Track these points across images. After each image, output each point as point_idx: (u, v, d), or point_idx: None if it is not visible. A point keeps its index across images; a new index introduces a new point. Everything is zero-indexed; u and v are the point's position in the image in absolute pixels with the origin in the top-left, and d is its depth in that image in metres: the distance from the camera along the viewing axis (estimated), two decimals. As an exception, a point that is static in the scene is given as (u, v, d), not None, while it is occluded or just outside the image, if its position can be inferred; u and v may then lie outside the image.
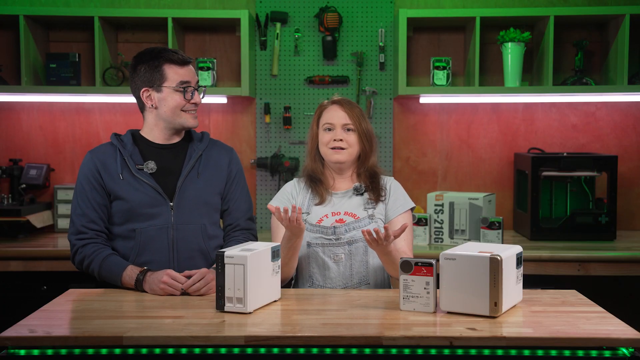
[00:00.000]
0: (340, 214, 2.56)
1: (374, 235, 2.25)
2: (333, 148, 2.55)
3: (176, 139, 2.62)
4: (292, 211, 2.29)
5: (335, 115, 2.56)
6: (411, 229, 2.63)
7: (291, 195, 2.63)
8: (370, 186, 2.59)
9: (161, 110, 2.54)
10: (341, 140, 2.54)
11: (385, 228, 2.25)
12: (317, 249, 2.53)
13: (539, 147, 3.87)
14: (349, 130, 2.55)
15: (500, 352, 1.90)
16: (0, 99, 3.82)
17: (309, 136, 2.66)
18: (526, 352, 1.90)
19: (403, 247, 2.50)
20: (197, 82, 2.60)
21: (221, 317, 2.06)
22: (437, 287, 2.11)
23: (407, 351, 1.90)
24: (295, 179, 2.70)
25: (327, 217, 2.56)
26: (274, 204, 2.60)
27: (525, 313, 2.10)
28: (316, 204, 2.59)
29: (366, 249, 2.52)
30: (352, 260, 2.52)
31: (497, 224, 3.38)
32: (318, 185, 2.61)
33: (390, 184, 2.64)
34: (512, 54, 3.63)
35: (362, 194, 2.60)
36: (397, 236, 2.28)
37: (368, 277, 2.53)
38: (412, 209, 2.62)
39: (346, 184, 2.63)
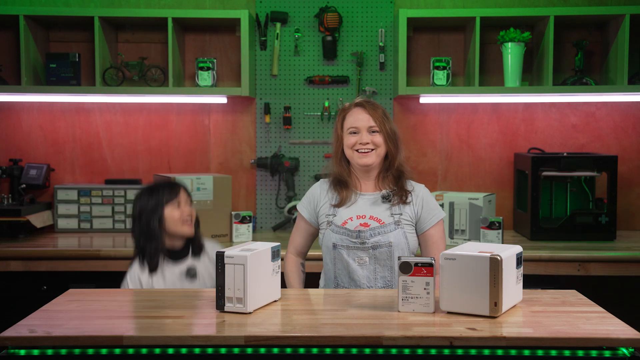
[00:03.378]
0: (365, 217, 2.56)
1: None
2: (359, 151, 2.55)
3: None
4: None
5: (360, 118, 2.55)
6: (444, 237, 2.63)
7: (314, 198, 2.65)
8: (396, 189, 2.57)
9: None
10: (367, 143, 2.54)
11: None
12: (342, 251, 2.54)
13: (539, 147, 3.87)
14: (374, 132, 2.55)
15: (500, 352, 1.90)
16: (0, 99, 3.82)
17: (334, 139, 2.66)
18: (526, 352, 1.90)
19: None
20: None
21: (221, 317, 2.06)
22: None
23: (407, 351, 1.90)
24: (321, 180, 2.70)
25: (352, 220, 2.55)
26: (300, 206, 2.68)
27: (525, 313, 2.10)
28: (335, 205, 2.59)
29: (390, 254, 2.52)
30: (376, 264, 2.52)
31: (497, 224, 3.38)
32: (343, 187, 2.61)
33: (423, 192, 2.61)
34: (512, 54, 3.63)
35: (389, 201, 2.57)
36: None
37: (393, 282, 2.53)
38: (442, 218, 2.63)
39: (372, 185, 2.62)
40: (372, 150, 2.54)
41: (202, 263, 2.74)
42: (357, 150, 2.55)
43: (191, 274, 2.70)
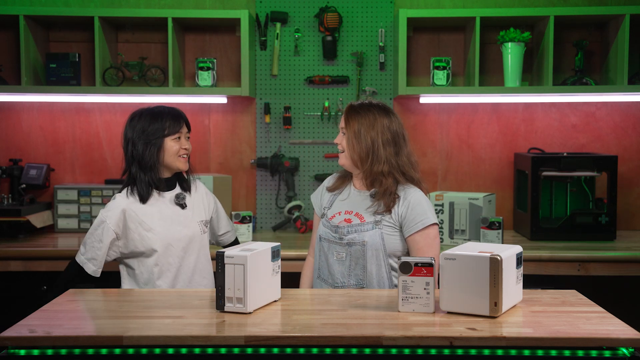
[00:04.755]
0: (351, 213, 2.58)
1: None
2: (339, 151, 2.63)
3: None
4: None
5: (341, 119, 2.62)
6: (434, 245, 2.51)
7: (322, 187, 2.73)
8: (384, 192, 2.53)
9: None
10: (338, 143, 2.60)
11: None
12: (324, 244, 2.60)
13: (539, 147, 3.87)
14: (343, 134, 2.59)
15: (500, 352, 1.90)
16: (0, 99, 3.82)
17: None
18: (526, 352, 1.90)
19: None
20: None
21: (221, 317, 2.06)
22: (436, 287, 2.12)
23: (407, 351, 1.90)
24: (335, 173, 2.75)
25: (340, 215, 2.59)
26: (313, 198, 2.74)
27: (525, 313, 2.10)
28: (328, 188, 2.68)
29: (364, 253, 2.52)
30: (350, 261, 2.54)
31: (497, 224, 3.38)
32: (340, 178, 2.69)
33: (412, 196, 2.53)
34: (512, 54, 3.63)
35: (378, 200, 2.57)
36: None
37: (364, 281, 2.53)
38: (435, 224, 2.52)
39: (359, 183, 2.64)
40: (341, 152, 2.60)
41: (191, 196, 2.73)
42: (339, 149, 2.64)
43: (180, 200, 2.66)
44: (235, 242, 2.98)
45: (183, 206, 2.68)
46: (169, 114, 2.65)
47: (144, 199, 2.62)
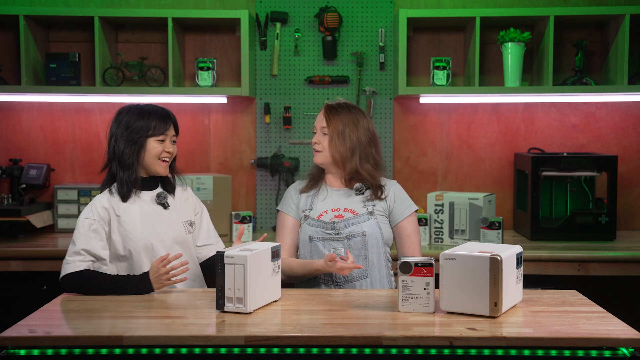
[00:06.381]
0: (339, 210, 2.65)
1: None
2: (314, 150, 2.68)
3: None
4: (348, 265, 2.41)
5: (318, 119, 2.70)
6: (418, 230, 2.71)
7: (295, 194, 2.73)
8: (369, 185, 2.67)
9: None
10: (316, 143, 2.67)
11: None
12: (317, 243, 2.61)
13: (539, 147, 3.87)
14: (325, 134, 2.65)
15: (500, 352, 1.90)
16: (0, 99, 3.82)
17: None
18: (526, 352, 1.90)
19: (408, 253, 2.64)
20: None
21: (221, 317, 2.07)
22: (436, 287, 2.12)
23: (407, 351, 1.90)
24: (297, 182, 2.79)
25: (327, 213, 2.64)
26: (285, 208, 2.72)
27: (525, 313, 2.10)
28: (300, 190, 2.71)
29: (364, 244, 2.59)
30: (350, 254, 2.55)
31: (497, 224, 3.38)
32: (312, 181, 2.73)
33: (395, 186, 2.71)
34: (512, 54, 3.63)
35: (362, 193, 2.68)
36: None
37: (367, 272, 2.60)
38: (416, 211, 2.72)
39: (338, 183, 2.71)
40: (319, 152, 2.66)
41: (175, 197, 2.64)
42: (314, 150, 2.69)
43: (161, 199, 2.57)
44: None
45: (165, 205, 2.59)
46: (156, 113, 2.58)
47: (125, 197, 2.53)
